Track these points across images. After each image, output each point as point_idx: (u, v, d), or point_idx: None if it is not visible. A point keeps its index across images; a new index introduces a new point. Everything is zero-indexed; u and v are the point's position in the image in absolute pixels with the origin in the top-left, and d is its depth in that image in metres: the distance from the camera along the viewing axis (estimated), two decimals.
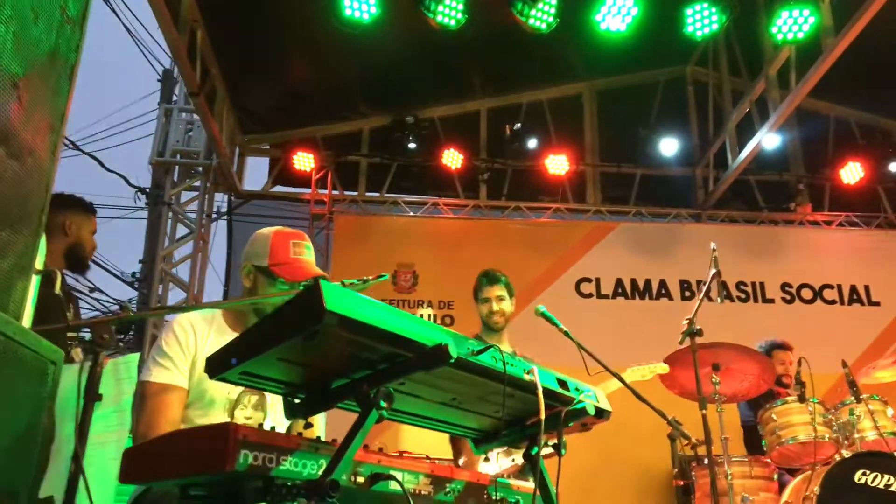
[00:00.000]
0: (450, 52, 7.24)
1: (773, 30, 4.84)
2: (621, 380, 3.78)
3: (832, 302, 7.88)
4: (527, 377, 1.81)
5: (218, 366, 1.50)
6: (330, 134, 8.36)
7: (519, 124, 7.91)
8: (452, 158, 7.96)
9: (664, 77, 8.51)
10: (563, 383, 1.96)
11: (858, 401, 4.49)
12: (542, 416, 1.78)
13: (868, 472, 4.18)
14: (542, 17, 4.63)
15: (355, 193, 8.37)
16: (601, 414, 2.05)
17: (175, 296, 8.76)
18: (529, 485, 2.19)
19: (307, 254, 2.50)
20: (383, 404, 1.50)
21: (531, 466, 2.02)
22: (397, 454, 1.74)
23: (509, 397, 1.84)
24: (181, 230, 8.02)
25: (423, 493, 1.75)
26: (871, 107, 8.30)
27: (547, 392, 1.86)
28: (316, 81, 7.63)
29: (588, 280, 7.92)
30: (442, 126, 8.29)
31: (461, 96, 8.40)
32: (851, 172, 7.81)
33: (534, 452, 2.01)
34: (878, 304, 7.83)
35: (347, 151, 8.36)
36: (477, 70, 8.00)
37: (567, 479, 2.04)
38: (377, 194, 8.35)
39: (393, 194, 8.35)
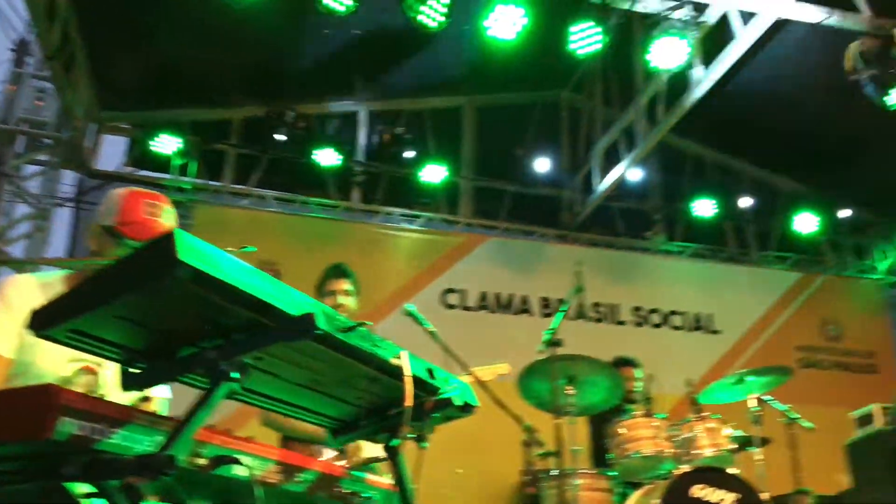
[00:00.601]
0: (335, 49, 7.09)
1: (648, 56, 5.04)
2: (482, 384, 3.77)
3: (678, 327, 8.33)
4: (394, 361, 1.71)
5: (44, 319, 1.28)
6: (198, 119, 7.93)
7: (400, 130, 7.85)
8: (327, 157, 7.77)
9: (541, 99, 8.75)
10: (431, 372, 1.88)
11: (699, 419, 4.71)
12: (409, 403, 1.69)
13: (704, 487, 4.38)
14: (432, 14, 4.60)
15: (220, 184, 7.98)
16: (467, 408, 1.97)
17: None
18: (384, 480, 2.09)
19: (165, 216, 2.22)
20: (236, 376, 1.35)
21: (391, 460, 1.92)
22: (245, 439, 1.59)
23: (374, 383, 1.73)
24: (22, 209, 7.34)
25: (270, 480, 1.61)
26: (724, 148, 8.89)
27: (415, 380, 1.76)
28: (188, 60, 7.21)
29: (454, 291, 7.95)
30: (319, 123, 8.08)
31: (342, 95, 8.24)
32: (704, 207, 8.30)
33: (395, 444, 1.91)
34: (719, 332, 8.35)
35: (215, 139, 7.97)
36: (361, 71, 7.88)
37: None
38: (243, 187, 8.00)
39: (261, 189, 8.02)
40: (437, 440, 2.07)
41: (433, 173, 7.85)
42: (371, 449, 3.13)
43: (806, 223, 8.43)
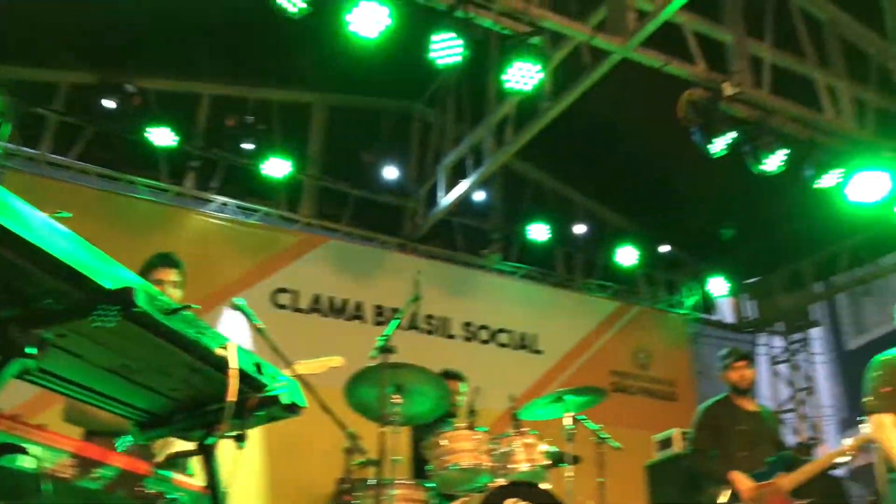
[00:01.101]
0: (184, 23, 6.67)
1: (505, 77, 5.16)
2: (305, 384, 3.63)
3: (505, 345, 8.58)
4: (220, 352, 1.56)
5: None
6: (20, 78, 7.16)
7: (250, 120, 7.50)
8: (162, 137, 7.28)
9: (395, 107, 8.75)
10: (259, 367, 1.75)
11: (518, 433, 4.82)
12: (232, 398, 1.55)
13: (518, 502, 4.48)
14: None
15: (37, 152, 7.24)
16: (294, 408, 1.85)
17: None
18: (192, 480, 1.92)
19: None
20: (31, 352, 1.16)
21: (204, 459, 1.76)
22: (35, 426, 1.39)
23: (194, 373, 1.58)
24: None
25: (62, 475, 1.41)
26: (563, 177, 9.32)
27: (240, 374, 1.62)
28: (11, 11, 6.50)
29: (286, 291, 7.71)
30: (157, 100, 7.56)
31: (186, 74, 7.77)
32: (539, 231, 8.61)
33: (210, 442, 1.75)
34: (541, 352, 8.70)
35: (36, 102, 7.23)
36: (209, 51, 7.46)
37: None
38: (63, 158, 7.31)
39: (83, 162, 7.37)
40: (256, 441, 1.93)
41: (276, 167, 7.57)
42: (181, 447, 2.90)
43: (627, 256, 8.97)
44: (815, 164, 6.23)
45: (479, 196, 8.59)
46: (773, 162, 5.90)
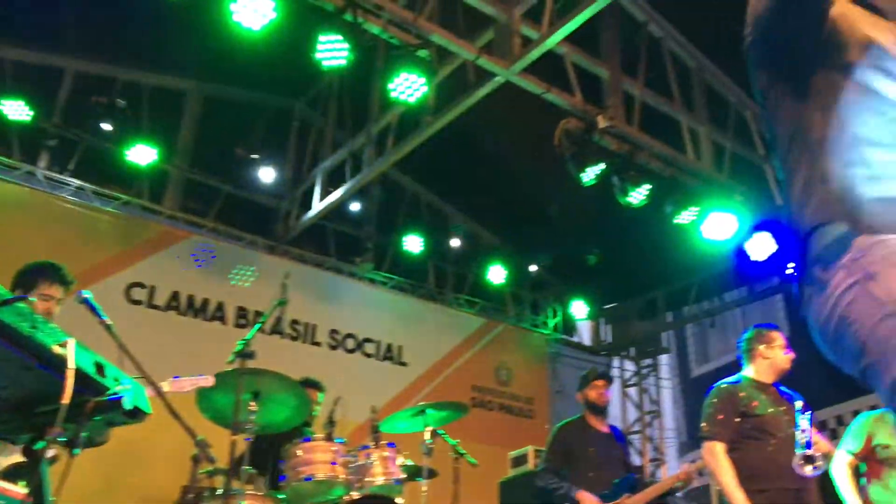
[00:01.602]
0: None
1: (391, 86, 5.13)
2: (158, 389, 3.42)
3: (370, 355, 8.50)
4: (57, 349, 1.43)
5: None
6: None
7: (122, 103, 7.03)
8: (16, 111, 6.72)
9: (276, 104, 8.52)
10: (101, 368, 1.61)
11: (377, 446, 4.77)
12: (66, 400, 1.41)
13: None
14: None
15: None
16: (137, 414, 1.72)
17: None
18: (13, 487, 1.74)
19: None
20: None
21: (33, 464, 1.59)
22: None
23: (25, 371, 1.43)
24: None
25: None
26: (440, 191, 9.39)
27: (78, 374, 1.49)
28: None
29: (142, 286, 7.29)
30: (13, 71, 6.98)
31: (47, 45, 7.21)
32: (413, 243, 8.62)
33: (38, 447, 1.59)
34: (406, 364, 8.69)
35: None
36: (78, 23, 6.97)
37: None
38: None
39: None
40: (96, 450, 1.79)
41: (141, 154, 7.16)
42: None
43: (497, 274, 9.15)
44: (675, 200, 6.61)
45: (355, 203, 8.51)
46: (638, 195, 6.21)
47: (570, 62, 6.04)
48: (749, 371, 3.99)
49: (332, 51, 4.75)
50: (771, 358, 3.99)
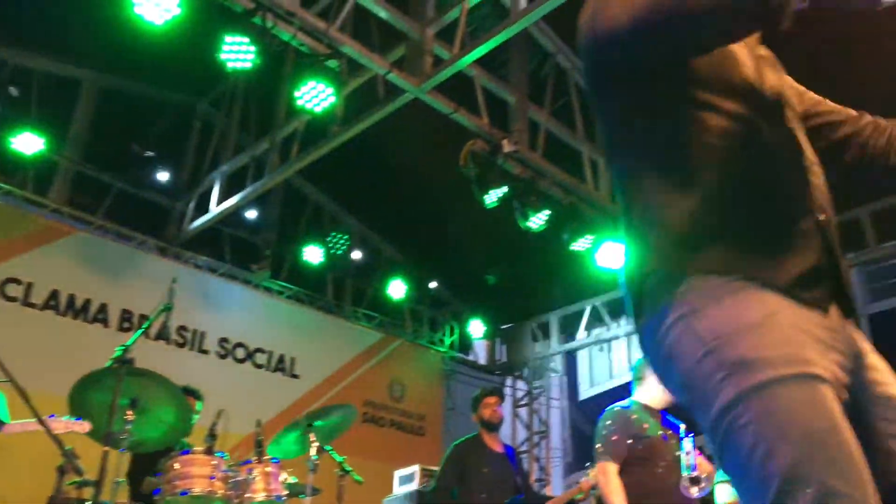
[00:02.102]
0: None
1: (297, 94, 5.05)
2: (24, 396, 3.21)
3: (261, 366, 8.28)
4: None
5: None
6: None
7: (14, 91, 6.61)
8: None
9: (177, 101, 8.22)
10: None
11: (259, 461, 4.63)
12: None
13: None
14: None
15: None
16: None
17: None
18: None
19: None
20: None
21: None
22: None
23: None
24: None
25: None
26: (344, 202, 9.30)
27: None
28: None
29: (18, 282, 6.86)
30: None
31: None
32: (313, 253, 8.45)
33: None
34: (298, 376, 8.51)
35: None
36: None
37: None
38: None
39: None
40: None
41: (27, 143, 6.76)
42: None
43: (397, 289, 9.12)
44: (572, 228, 6.78)
45: (255, 209, 8.31)
46: (537, 220, 6.34)
47: (479, 85, 6.12)
48: (639, 396, 4.12)
49: (237, 52, 4.63)
50: (661, 385, 4.14)
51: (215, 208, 7.60)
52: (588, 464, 4.25)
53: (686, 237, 1.34)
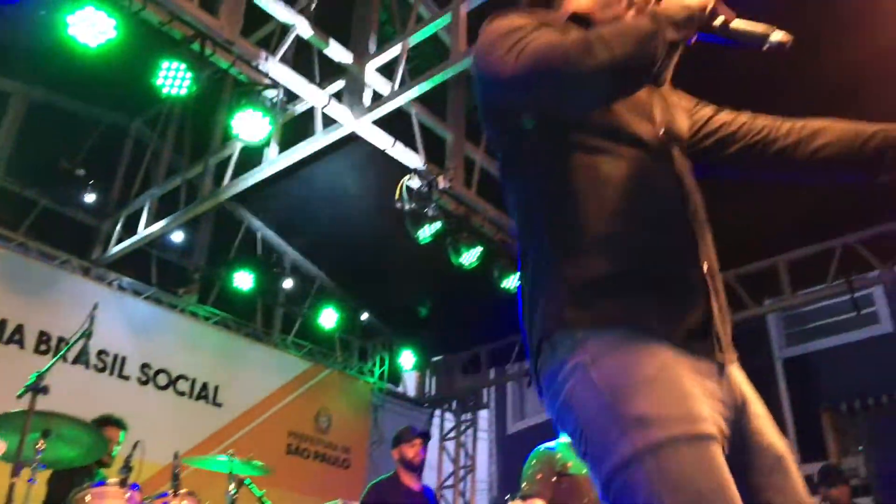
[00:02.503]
0: None
1: (233, 123, 5.02)
2: None
3: (183, 393, 8.05)
4: None
5: None
6: None
7: None
8: None
9: (110, 119, 8.05)
10: None
11: (175, 494, 4.53)
12: None
13: None
14: None
15: None
16: None
17: None
18: None
19: None
20: None
21: None
22: None
23: None
24: None
25: None
26: (278, 228, 9.21)
27: None
28: None
29: None
30: None
31: None
32: (243, 279, 8.34)
33: None
34: (221, 405, 8.31)
35: None
36: None
37: None
38: None
39: None
40: None
41: None
42: None
43: (328, 318, 9.06)
44: (502, 265, 6.90)
45: (186, 231, 8.16)
46: (469, 257, 6.43)
47: (417, 121, 6.20)
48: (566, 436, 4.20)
49: (173, 79, 4.59)
50: None
51: (143, 230, 7.43)
52: (508, 496, 4.29)
53: (580, 288, 1.37)
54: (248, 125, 4.99)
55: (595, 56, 1.29)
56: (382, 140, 5.82)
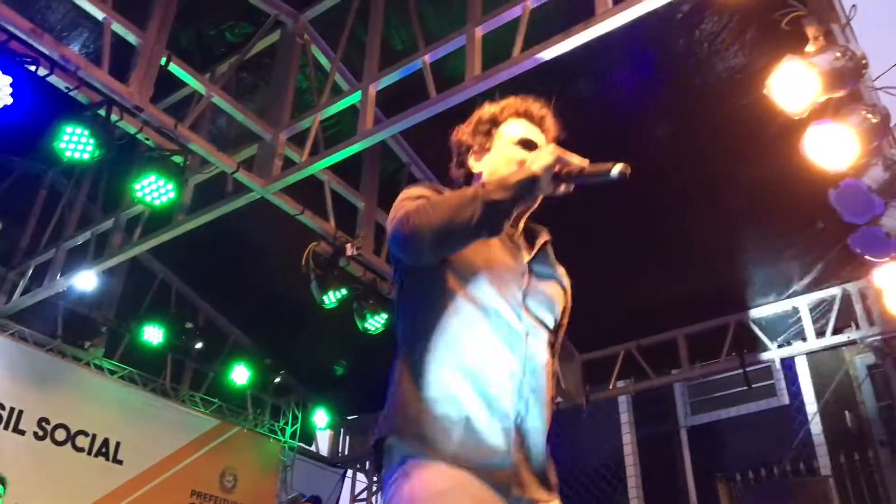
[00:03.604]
0: None
1: (137, 186, 5.08)
2: None
3: (81, 449, 7.84)
4: None
5: None
6: None
7: None
8: None
9: (24, 167, 7.96)
10: None
11: None
12: None
13: None
14: None
15: None
16: None
17: None
18: None
19: None
20: None
21: None
22: None
23: None
24: None
25: None
26: (192, 283, 9.16)
27: None
28: None
29: None
30: None
31: None
32: (154, 334, 8.23)
33: None
34: (121, 461, 8.10)
35: None
36: None
37: None
38: None
39: None
40: None
41: None
42: None
43: (240, 375, 8.99)
44: None
45: (92, 284, 8.03)
46: (375, 323, 6.54)
47: (328, 189, 6.35)
48: None
49: (76, 143, 4.65)
50: None
51: (52, 281, 7.31)
52: None
53: (408, 416, 1.65)
54: (151, 190, 5.05)
55: (421, 220, 1.64)
56: (291, 207, 5.94)
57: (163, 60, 5.07)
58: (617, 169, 1.67)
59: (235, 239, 7.85)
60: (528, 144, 1.95)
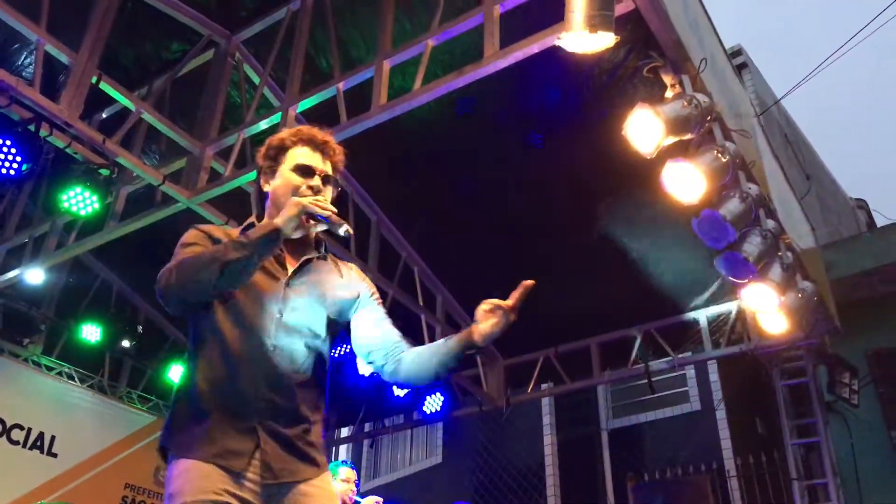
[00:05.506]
0: None
1: (64, 197, 5.43)
2: None
3: (16, 442, 8.13)
4: None
5: None
6: None
7: None
8: None
9: None
10: None
11: None
12: None
13: None
14: None
15: None
16: None
17: None
18: None
19: None
20: None
21: None
22: None
23: None
24: None
25: None
26: (133, 282, 9.44)
27: None
28: None
29: None
30: None
31: None
32: (92, 332, 8.52)
33: None
34: (56, 455, 8.41)
35: None
36: None
37: None
38: None
39: None
40: None
41: None
42: None
43: (178, 373, 9.30)
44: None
45: (35, 281, 8.30)
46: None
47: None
48: None
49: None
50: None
51: None
52: None
53: (176, 421, 2.08)
54: (77, 201, 5.41)
55: (168, 281, 1.99)
56: (216, 217, 6.32)
57: (94, 79, 5.43)
58: (343, 228, 2.02)
59: (174, 241, 8.16)
60: (306, 170, 2.19)
